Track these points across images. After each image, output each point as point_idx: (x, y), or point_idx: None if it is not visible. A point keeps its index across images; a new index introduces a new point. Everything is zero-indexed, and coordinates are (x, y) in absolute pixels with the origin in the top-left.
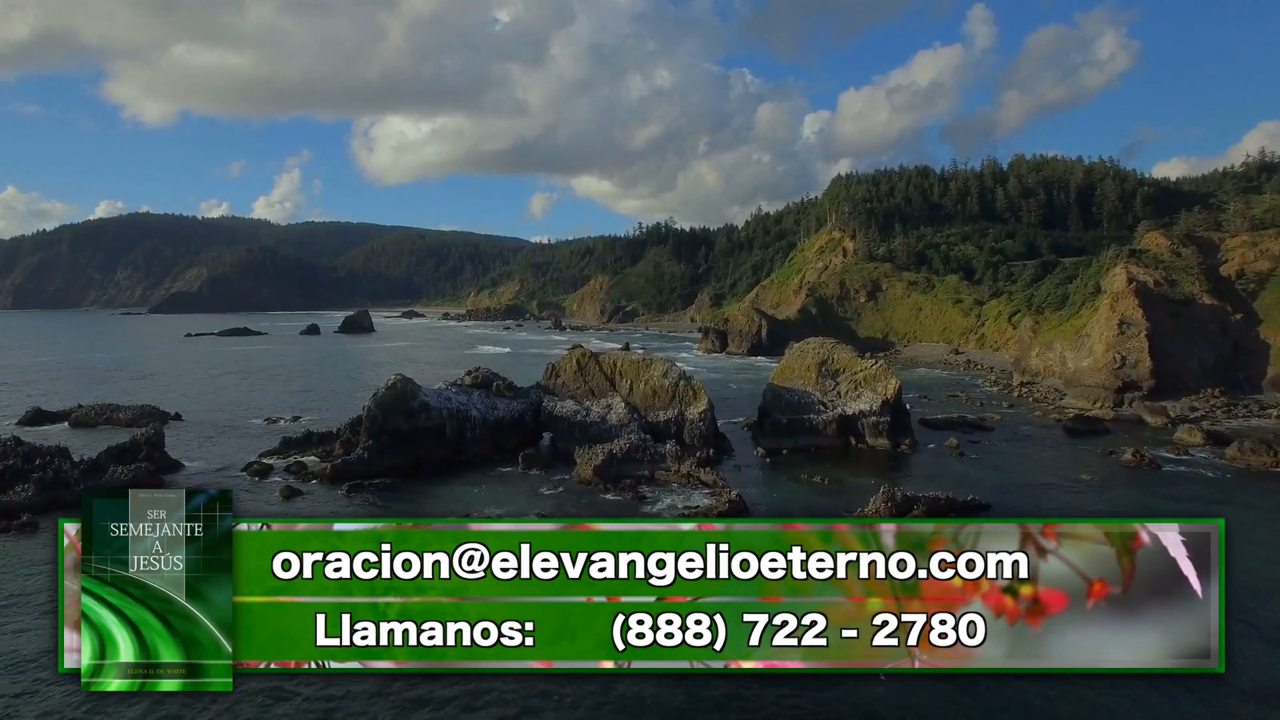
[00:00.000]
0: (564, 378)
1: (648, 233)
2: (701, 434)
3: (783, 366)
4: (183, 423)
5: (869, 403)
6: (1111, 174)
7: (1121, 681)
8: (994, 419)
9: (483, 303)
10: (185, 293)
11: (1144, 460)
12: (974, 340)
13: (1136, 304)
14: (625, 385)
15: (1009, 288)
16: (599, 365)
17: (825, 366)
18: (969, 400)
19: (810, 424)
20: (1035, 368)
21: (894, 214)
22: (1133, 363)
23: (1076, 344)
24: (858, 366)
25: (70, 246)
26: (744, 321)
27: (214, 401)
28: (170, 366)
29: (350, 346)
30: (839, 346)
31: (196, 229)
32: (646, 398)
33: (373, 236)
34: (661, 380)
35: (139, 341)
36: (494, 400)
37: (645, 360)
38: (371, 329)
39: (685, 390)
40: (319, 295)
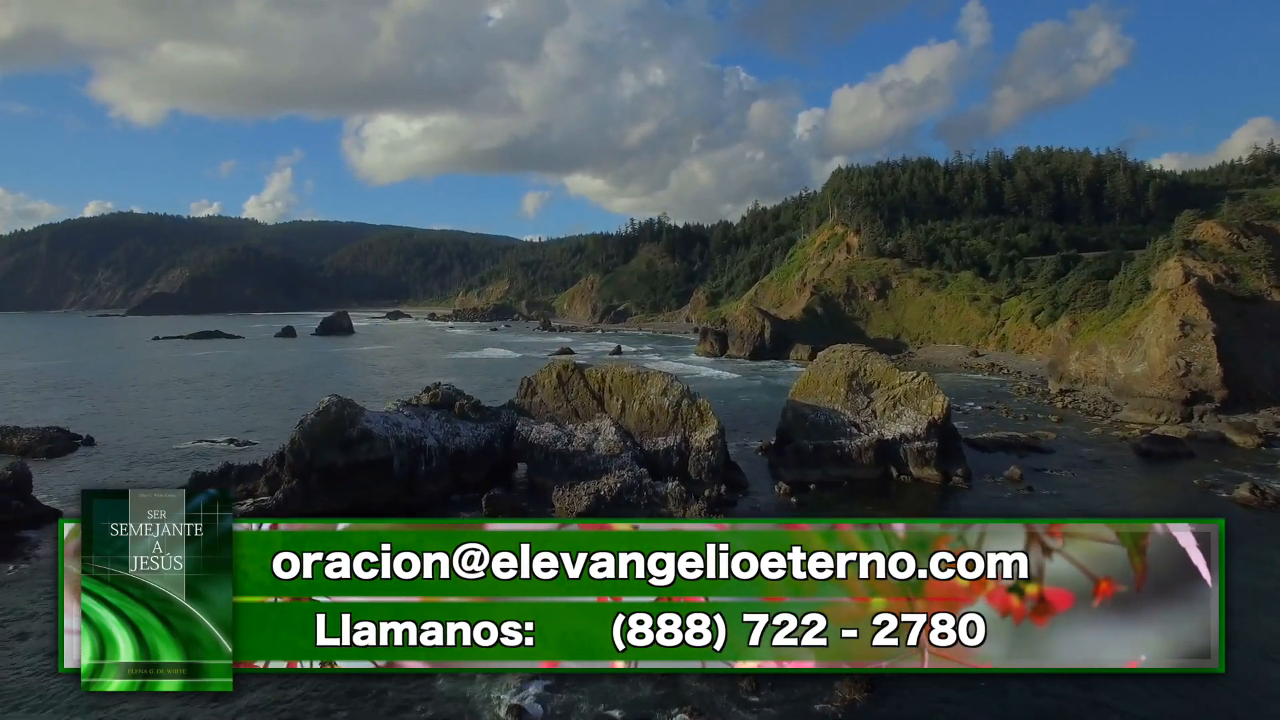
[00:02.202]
0: (542, 395)
1: (640, 229)
2: (710, 466)
3: (805, 380)
4: (94, 448)
5: (912, 424)
6: (1121, 166)
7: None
8: (1047, 437)
9: (471, 302)
10: (165, 294)
11: (1265, 498)
12: (994, 341)
13: (1200, 302)
14: (616, 405)
15: (1028, 284)
16: (584, 380)
17: (857, 380)
18: (1009, 413)
19: (842, 451)
20: (1074, 373)
21: (899, 207)
22: (1199, 369)
23: (1126, 347)
24: (896, 380)
25: (48, 247)
26: (745, 322)
27: (144, 419)
28: (115, 375)
29: (324, 350)
30: (872, 355)
31: (181, 229)
32: (642, 420)
33: (362, 236)
34: (660, 399)
35: (98, 346)
36: (456, 424)
37: (640, 374)
38: (350, 331)
39: (689, 412)
40: (305, 295)
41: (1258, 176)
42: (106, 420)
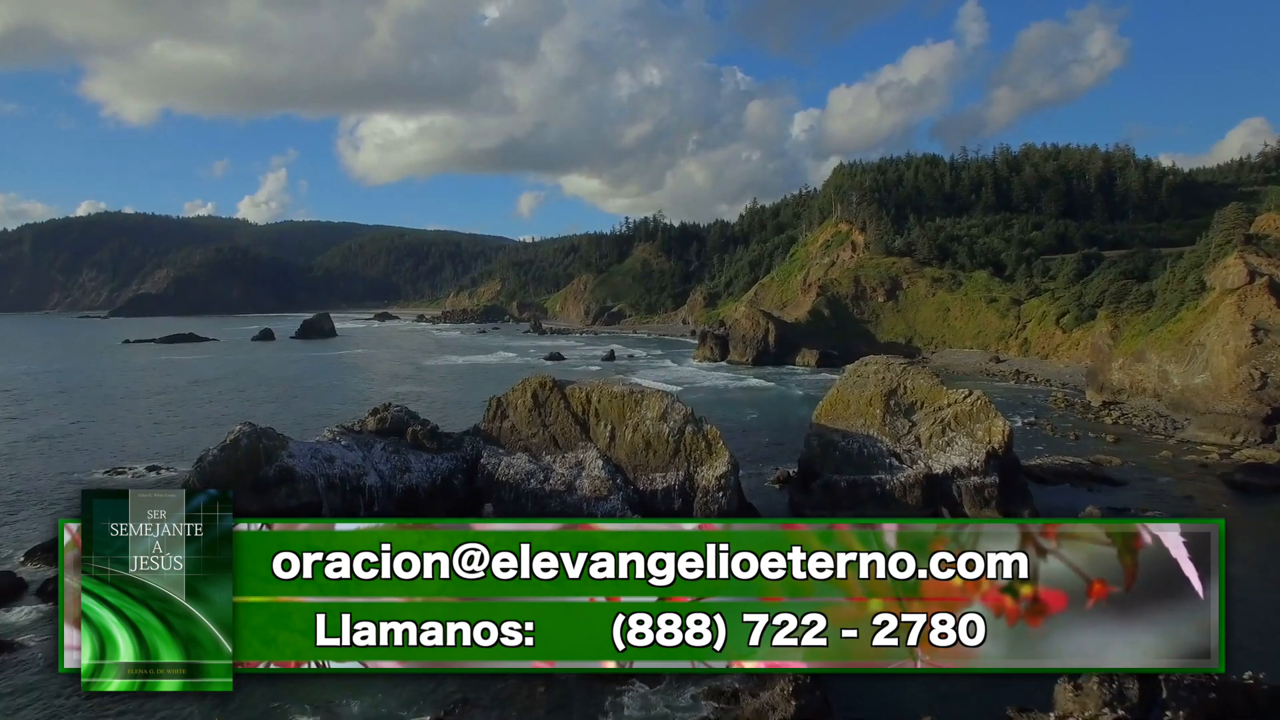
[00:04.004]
0: (514, 419)
1: (635, 228)
2: (721, 511)
3: (833, 399)
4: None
5: (966, 455)
6: (1132, 163)
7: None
8: (1112, 463)
9: (461, 303)
10: (149, 294)
11: None
12: (1015, 346)
13: (1275, 304)
14: (604, 432)
15: (1047, 284)
16: (566, 401)
17: (895, 399)
18: (1054, 430)
19: (882, 489)
20: (1117, 383)
21: (906, 204)
22: (1277, 382)
23: (1183, 355)
24: (943, 399)
25: (32, 247)
26: (747, 325)
27: (62, 442)
28: (61, 384)
29: (298, 355)
30: (913, 370)
31: (169, 229)
32: (636, 452)
33: (354, 236)
34: (658, 425)
35: (62, 350)
36: (407, 456)
37: (634, 394)
38: (332, 333)
39: (695, 441)
40: (293, 296)
41: (1268, 174)
42: (16, 443)
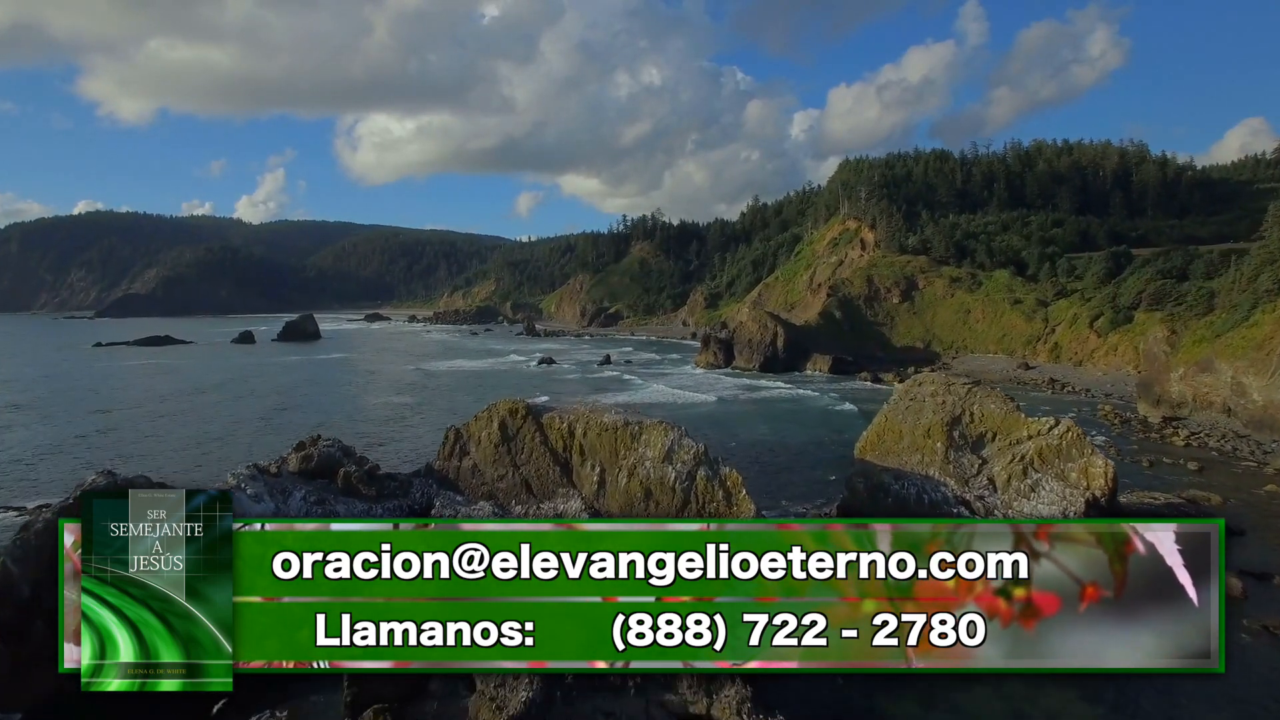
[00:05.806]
0: (476, 456)
1: (633, 226)
2: None
3: (880, 427)
4: None
5: (1058, 503)
6: (1148, 158)
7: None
8: (1210, 500)
9: (455, 304)
10: (137, 295)
11: None
12: (1044, 351)
13: None
14: (591, 475)
15: (1075, 284)
16: (542, 434)
17: (960, 429)
18: (1119, 453)
19: None
20: (1177, 396)
21: (917, 200)
22: None
23: (1263, 365)
24: (1021, 429)
25: (20, 246)
26: (754, 328)
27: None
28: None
29: (275, 361)
30: (980, 393)
31: (161, 228)
32: (633, 502)
33: (350, 236)
34: (662, 468)
35: (28, 354)
36: (334, 507)
37: (629, 427)
38: (316, 336)
39: (709, 490)
40: (285, 297)
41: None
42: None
